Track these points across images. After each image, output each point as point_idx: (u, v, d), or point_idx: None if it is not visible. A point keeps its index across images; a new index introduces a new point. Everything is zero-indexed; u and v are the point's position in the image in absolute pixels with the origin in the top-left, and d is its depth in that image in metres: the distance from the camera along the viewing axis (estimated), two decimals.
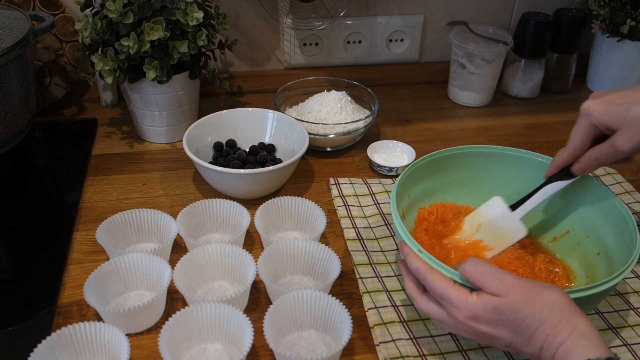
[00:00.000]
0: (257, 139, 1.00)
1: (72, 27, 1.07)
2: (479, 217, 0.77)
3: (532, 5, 1.22)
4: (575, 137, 0.70)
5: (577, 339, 0.53)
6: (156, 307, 0.70)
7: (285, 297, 0.67)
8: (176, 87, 0.98)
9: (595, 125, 0.67)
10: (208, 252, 0.74)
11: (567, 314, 0.54)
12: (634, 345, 0.70)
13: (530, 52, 1.19)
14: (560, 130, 1.14)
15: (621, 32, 1.15)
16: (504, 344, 0.58)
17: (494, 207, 0.76)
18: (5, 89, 0.88)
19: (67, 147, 1.06)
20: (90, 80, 0.97)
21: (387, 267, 0.79)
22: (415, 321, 0.71)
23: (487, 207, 0.77)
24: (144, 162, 1.00)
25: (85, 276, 0.69)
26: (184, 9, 0.90)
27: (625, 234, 0.70)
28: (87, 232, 0.84)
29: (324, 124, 0.98)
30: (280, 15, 1.15)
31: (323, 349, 0.68)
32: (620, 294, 0.77)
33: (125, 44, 0.88)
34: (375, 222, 0.87)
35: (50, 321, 0.71)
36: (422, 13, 1.22)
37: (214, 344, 0.68)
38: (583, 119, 0.69)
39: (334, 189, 0.93)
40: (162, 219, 0.80)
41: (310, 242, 0.76)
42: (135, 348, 0.68)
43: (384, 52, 1.25)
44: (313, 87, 1.10)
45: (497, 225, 0.75)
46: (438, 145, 0.87)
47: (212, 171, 0.86)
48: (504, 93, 1.25)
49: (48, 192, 0.95)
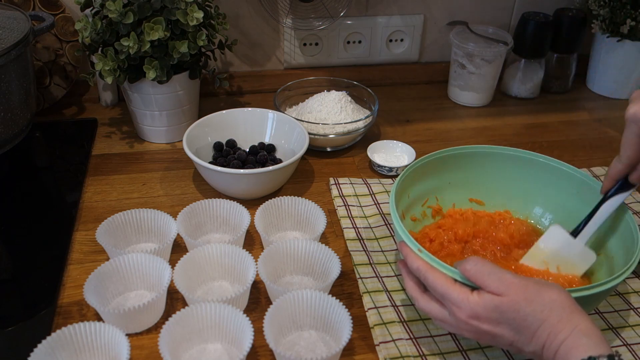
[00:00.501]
0: (257, 139, 1.00)
1: (72, 27, 1.07)
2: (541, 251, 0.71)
3: (532, 5, 1.22)
4: (628, 147, 0.65)
5: (578, 337, 0.53)
6: (156, 307, 0.70)
7: (285, 297, 0.67)
8: (176, 87, 0.98)
9: None
10: (208, 252, 0.74)
11: (568, 313, 0.55)
12: (634, 345, 0.70)
13: (530, 52, 1.19)
14: (560, 130, 1.14)
15: (621, 32, 1.15)
16: (505, 343, 0.58)
17: (555, 237, 0.70)
18: (5, 89, 0.88)
19: (67, 147, 1.05)
20: (90, 80, 0.97)
21: (387, 267, 0.79)
22: (415, 321, 0.71)
23: (547, 239, 0.71)
24: (144, 162, 1.00)
25: (85, 276, 0.69)
26: (184, 9, 0.90)
27: (625, 235, 0.70)
28: (87, 232, 0.84)
29: (324, 124, 0.98)
30: (280, 15, 1.15)
31: (323, 349, 0.68)
32: (620, 294, 0.77)
33: (125, 44, 0.88)
34: (375, 222, 0.87)
35: (50, 321, 0.71)
36: (422, 13, 1.22)
37: (214, 344, 0.68)
38: (632, 126, 0.63)
39: (334, 189, 0.93)
40: (162, 219, 0.80)
41: (310, 242, 0.76)
42: (135, 348, 0.68)
43: (384, 52, 1.25)
44: (313, 87, 1.10)
45: (562, 256, 0.70)
46: (438, 145, 0.87)
47: (212, 171, 0.86)
48: (504, 93, 1.25)
49: (48, 192, 0.95)
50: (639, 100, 0.63)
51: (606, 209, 0.68)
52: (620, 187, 0.67)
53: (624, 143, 0.65)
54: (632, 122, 0.63)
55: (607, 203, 0.68)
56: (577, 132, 1.14)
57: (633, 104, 0.63)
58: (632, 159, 0.65)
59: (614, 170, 0.67)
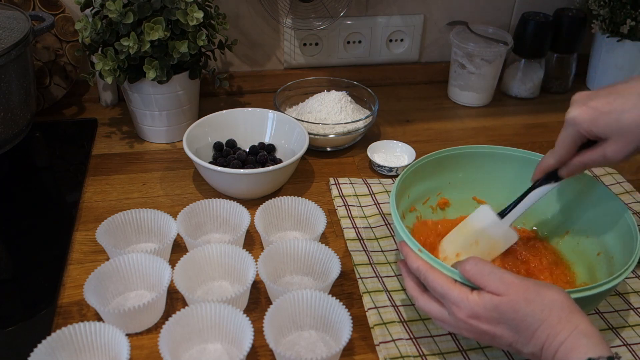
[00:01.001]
0: (257, 139, 1.00)
1: (72, 27, 1.07)
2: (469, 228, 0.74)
3: (532, 5, 1.22)
4: (562, 146, 0.67)
5: (577, 338, 0.53)
6: (156, 307, 0.70)
7: (285, 297, 0.67)
8: (176, 87, 0.98)
9: (582, 134, 0.64)
10: (208, 252, 0.74)
11: (568, 313, 0.54)
12: (634, 345, 0.70)
13: (530, 52, 1.19)
14: (560, 130, 1.14)
15: (621, 32, 1.15)
16: (505, 343, 0.58)
17: (483, 216, 0.73)
18: (5, 89, 0.88)
19: (67, 147, 1.05)
20: (90, 80, 0.97)
21: (387, 267, 0.79)
22: (415, 321, 0.71)
23: (476, 216, 0.74)
24: (144, 162, 1.00)
25: (85, 276, 0.69)
26: (184, 9, 0.90)
27: (625, 235, 0.70)
28: (87, 232, 0.84)
29: (324, 124, 0.98)
30: (280, 15, 1.15)
31: (323, 349, 0.68)
32: (620, 294, 0.77)
33: (125, 44, 0.88)
34: (375, 222, 0.87)
35: (50, 321, 0.71)
36: (422, 13, 1.22)
37: (214, 344, 0.68)
38: (569, 128, 0.65)
39: (333, 189, 0.93)
40: (162, 219, 0.80)
41: (310, 242, 0.76)
42: (135, 348, 0.68)
43: (384, 52, 1.25)
44: (313, 87, 1.10)
45: (487, 235, 0.73)
46: (438, 145, 0.87)
47: (212, 171, 0.86)
48: (504, 93, 1.25)
49: (48, 192, 0.95)
50: (580, 103, 0.65)
51: (533, 197, 0.72)
52: (548, 178, 0.71)
53: (559, 142, 0.68)
54: (569, 125, 0.65)
55: (535, 191, 0.72)
56: None
57: (574, 107, 0.65)
58: (563, 157, 0.68)
59: (545, 163, 0.70)
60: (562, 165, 0.69)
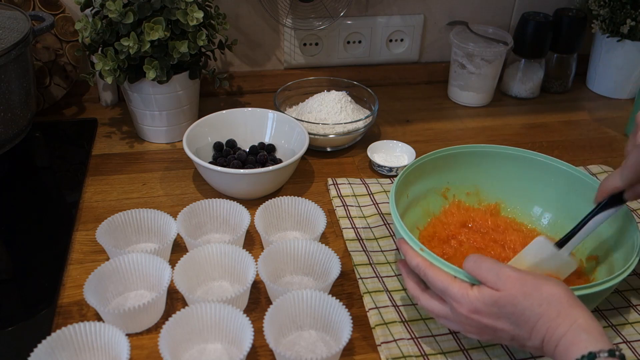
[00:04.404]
0: (257, 139, 1.00)
1: (72, 27, 1.07)
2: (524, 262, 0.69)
3: (532, 5, 1.22)
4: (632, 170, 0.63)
5: (577, 332, 0.53)
6: (156, 307, 0.70)
7: (285, 297, 0.67)
8: (176, 87, 0.98)
9: None
10: (208, 252, 0.74)
11: (567, 307, 0.55)
12: (634, 342, 0.70)
13: (530, 52, 1.19)
14: (560, 130, 1.14)
15: (621, 32, 1.15)
16: (507, 338, 0.58)
17: (539, 249, 0.68)
18: (5, 89, 0.88)
19: (67, 147, 1.05)
20: (90, 80, 0.97)
21: (387, 267, 0.79)
22: (417, 321, 0.71)
23: (531, 251, 0.69)
24: (144, 162, 1.00)
25: (85, 276, 0.69)
26: (184, 9, 0.90)
27: (625, 234, 0.70)
28: (87, 232, 0.84)
29: (324, 124, 0.98)
30: (280, 15, 1.15)
31: (323, 349, 0.68)
32: (620, 292, 0.77)
33: (125, 44, 0.88)
34: (374, 222, 0.87)
35: (50, 321, 0.70)
36: (422, 13, 1.22)
37: (214, 344, 0.68)
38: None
39: (332, 190, 0.93)
40: (162, 219, 0.80)
41: (310, 242, 0.75)
42: (135, 348, 0.68)
43: (384, 52, 1.25)
44: (313, 87, 1.10)
45: (544, 268, 0.68)
46: (438, 145, 0.87)
47: (212, 171, 0.86)
48: (504, 93, 1.25)
49: (48, 192, 0.95)
50: None
51: (595, 222, 0.67)
52: (611, 202, 0.66)
53: (628, 165, 0.64)
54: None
55: (599, 215, 0.67)
56: (577, 132, 1.14)
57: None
58: (632, 180, 0.64)
59: (611, 185, 0.66)
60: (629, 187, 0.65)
